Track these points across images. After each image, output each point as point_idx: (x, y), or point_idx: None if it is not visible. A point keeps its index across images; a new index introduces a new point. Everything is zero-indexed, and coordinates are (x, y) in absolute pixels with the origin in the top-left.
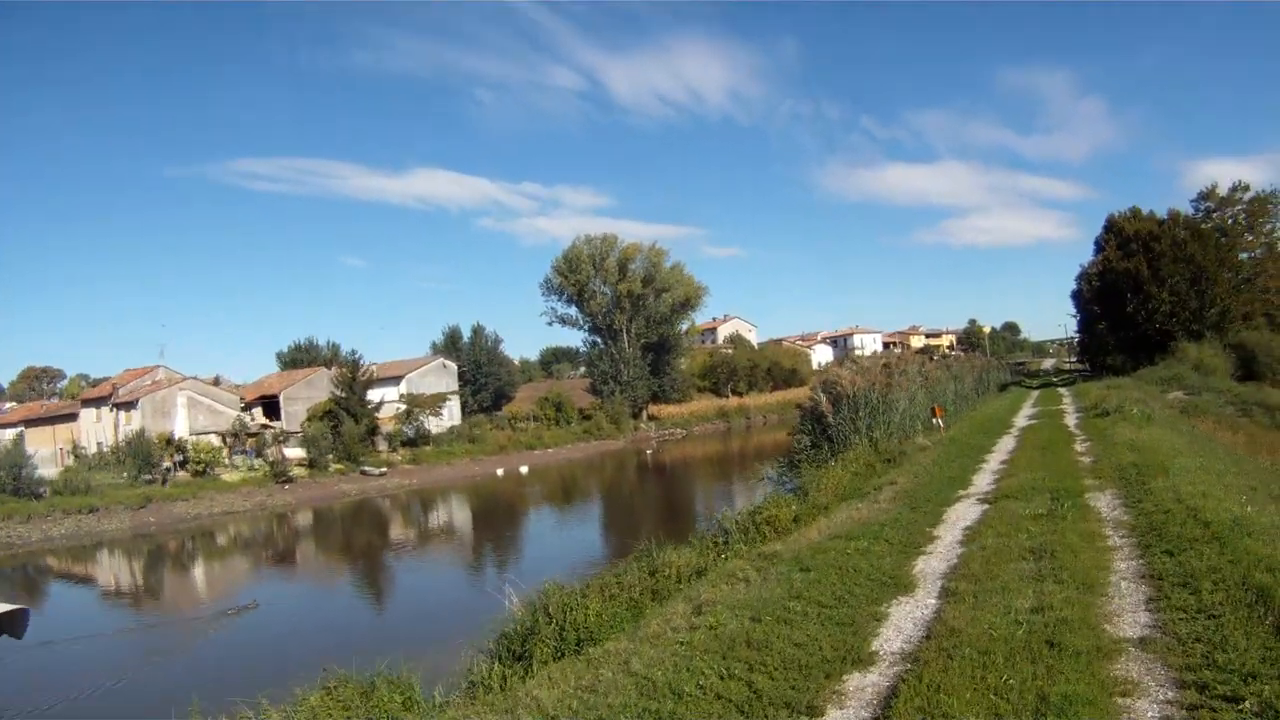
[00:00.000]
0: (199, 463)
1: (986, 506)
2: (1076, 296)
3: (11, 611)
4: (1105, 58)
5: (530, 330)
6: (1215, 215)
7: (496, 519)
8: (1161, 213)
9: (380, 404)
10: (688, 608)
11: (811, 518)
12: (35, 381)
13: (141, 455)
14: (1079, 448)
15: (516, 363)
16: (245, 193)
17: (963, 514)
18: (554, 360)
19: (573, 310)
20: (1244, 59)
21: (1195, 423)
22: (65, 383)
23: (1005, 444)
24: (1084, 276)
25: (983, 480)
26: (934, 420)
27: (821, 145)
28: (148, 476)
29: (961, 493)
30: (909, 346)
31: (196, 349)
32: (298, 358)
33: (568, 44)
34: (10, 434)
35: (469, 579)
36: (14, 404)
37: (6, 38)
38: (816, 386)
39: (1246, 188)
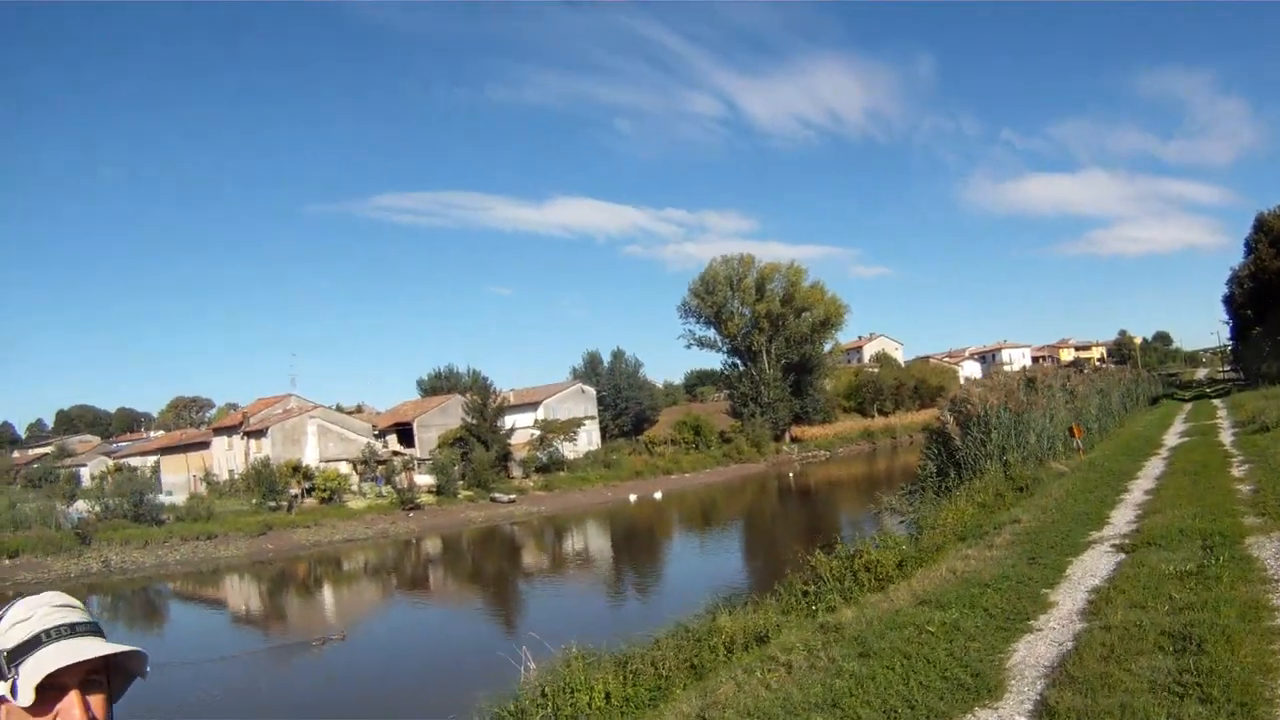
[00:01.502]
0: (325, 490)
1: (1121, 557)
2: (1228, 301)
3: (129, 652)
4: (1244, 56)
5: (675, 354)
6: None
7: (620, 546)
8: None
9: (512, 430)
10: (693, 707)
11: (919, 564)
12: (184, 411)
13: (266, 482)
14: (1236, 472)
15: (660, 386)
16: (389, 226)
17: (1091, 567)
18: (698, 383)
19: (711, 332)
20: None
21: None
22: (213, 412)
23: (1152, 468)
24: (1235, 280)
25: (1121, 517)
26: (1073, 441)
27: (962, 160)
28: (272, 503)
29: (1094, 535)
30: (1058, 360)
31: (343, 380)
32: (437, 385)
33: (703, 70)
34: (149, 461)
35: (566, 613)
36: (161, 432)
37: (171, 82)
38: (944, 406)
39: None
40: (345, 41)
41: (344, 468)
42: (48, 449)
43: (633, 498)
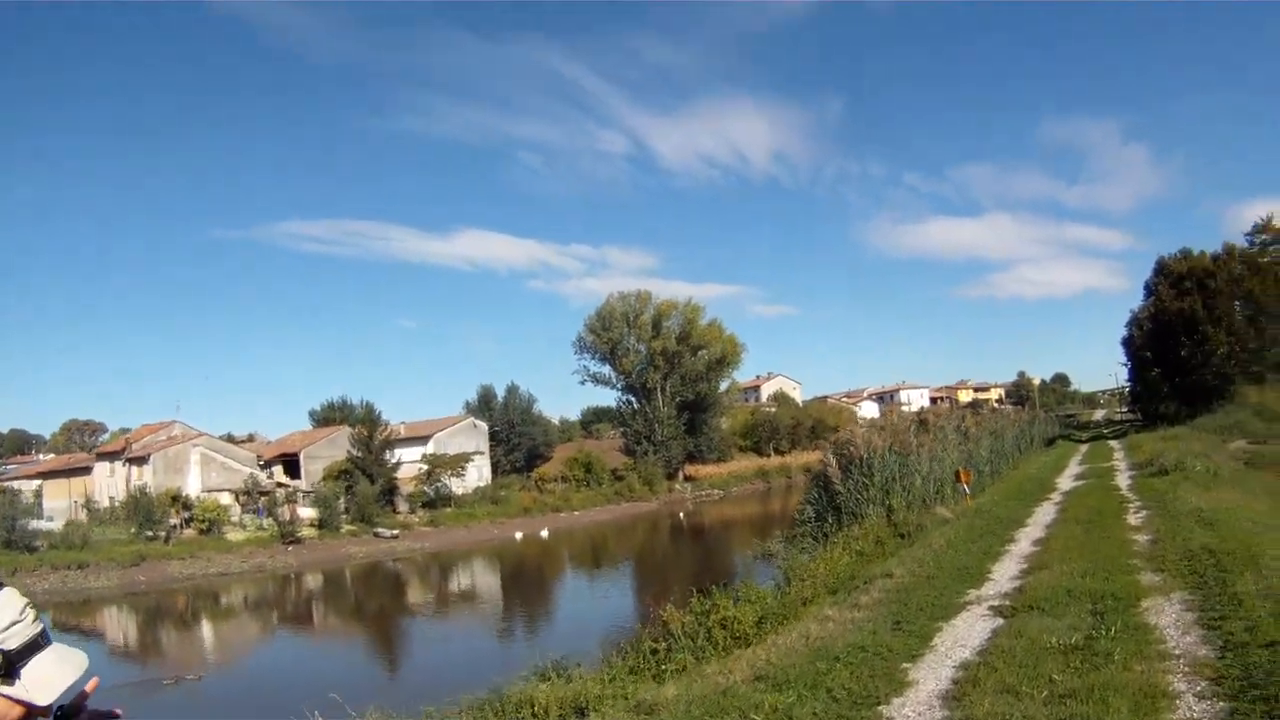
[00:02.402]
0: (203, 521)
1: (999, 623)
2: (1127, 343)
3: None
4: (1146, 106)
5: (574, 391)
6: (1272, 249)
7: (500, 587)
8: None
9: (399, 463)
10: None
11: (781, 620)
12: (76, 434)
13: (144, 511)
14: (1133, 519)
15: (556, 423)
16: (294, 253)
17: (962, 635)
18: (594, 420)
19: (606, 369)
20: None
21: (1267, 477)
22: (106, 437)
23: (1042, 515)
24: (1134, 322)
25: (1004, 572)
26: (959, 486)
27: (867, 202)
28: (149, 533)
29: (971, 594)
30: (956, 401)
31: (240, 410)
32: (329, 416)
33: (613, 107)
34: (33, 485)
35: (424, 658)
36: (52, 455)
37: (60, 92)
38: (827, 448)
39: None
40: (256, 67)
41: (226, 498)
42: None
43: (519, 535)
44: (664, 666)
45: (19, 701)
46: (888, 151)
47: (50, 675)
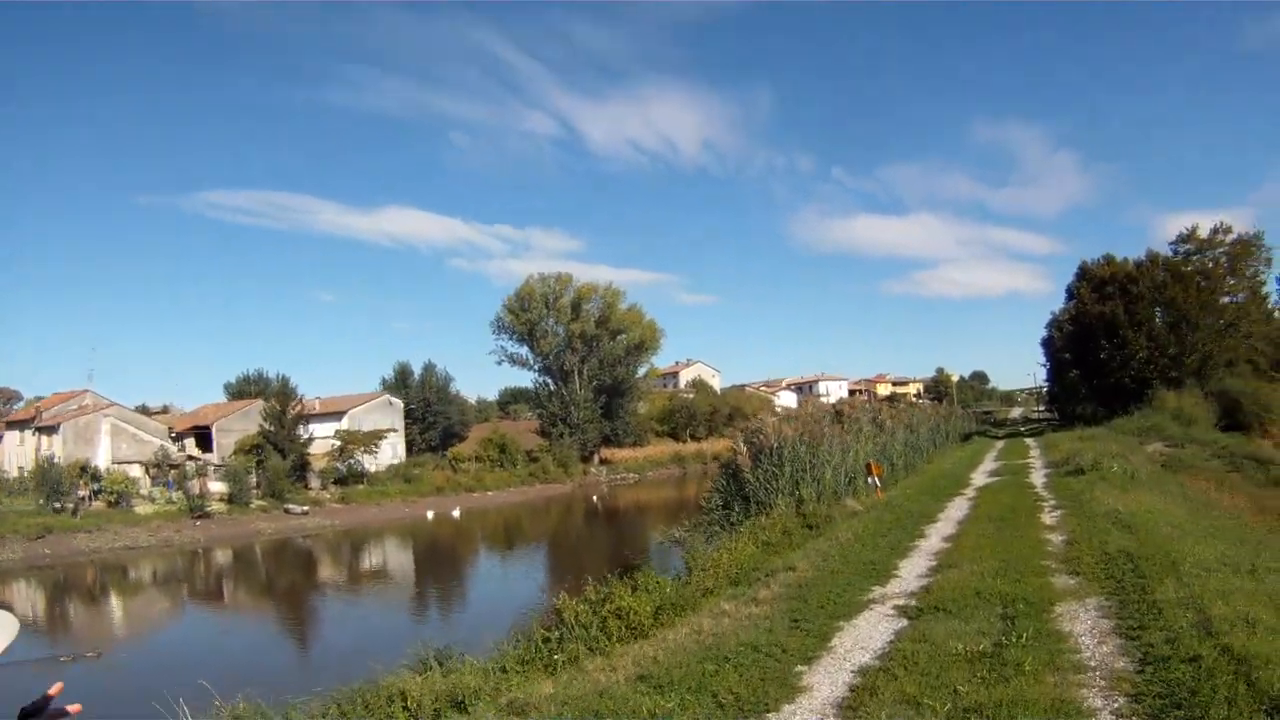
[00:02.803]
0: (112, 493)
1: (903, 624)
2: (1047, 344)
3: None
4: (1076, 114)
5: (492, 371)
6: (1195, 259)
7: (408, 566)
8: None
9: (311, 439)
10: None
11: (679, 612)
12: None
13: (50, 482)
14: (1048, 519)
15: (474, 402)
16: (216, 224)
17: (863, 637)
18: (511, 401)
19: (524, 350)
20: (1215, 112)
21: (1184, 480)
22: (21, 405)
23: (954, 511)
24: (1055, 324)
25: (911, 570)
26: (869, 479)
27: (794, 195)
28: (56, 505)
29: (876, 591)
30: (875, 394)
31: (156, 379)
32: (244, 389)
33: (543, 89)
34: None
35: (322, 638)
36: None
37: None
38: (737, 436)
39: (1229, 230)
40: (183, 35)
41: (136, 470)
42: None
43: (430, 514)
44: (555, 657)
45: None
46: (816, 146)
47: None
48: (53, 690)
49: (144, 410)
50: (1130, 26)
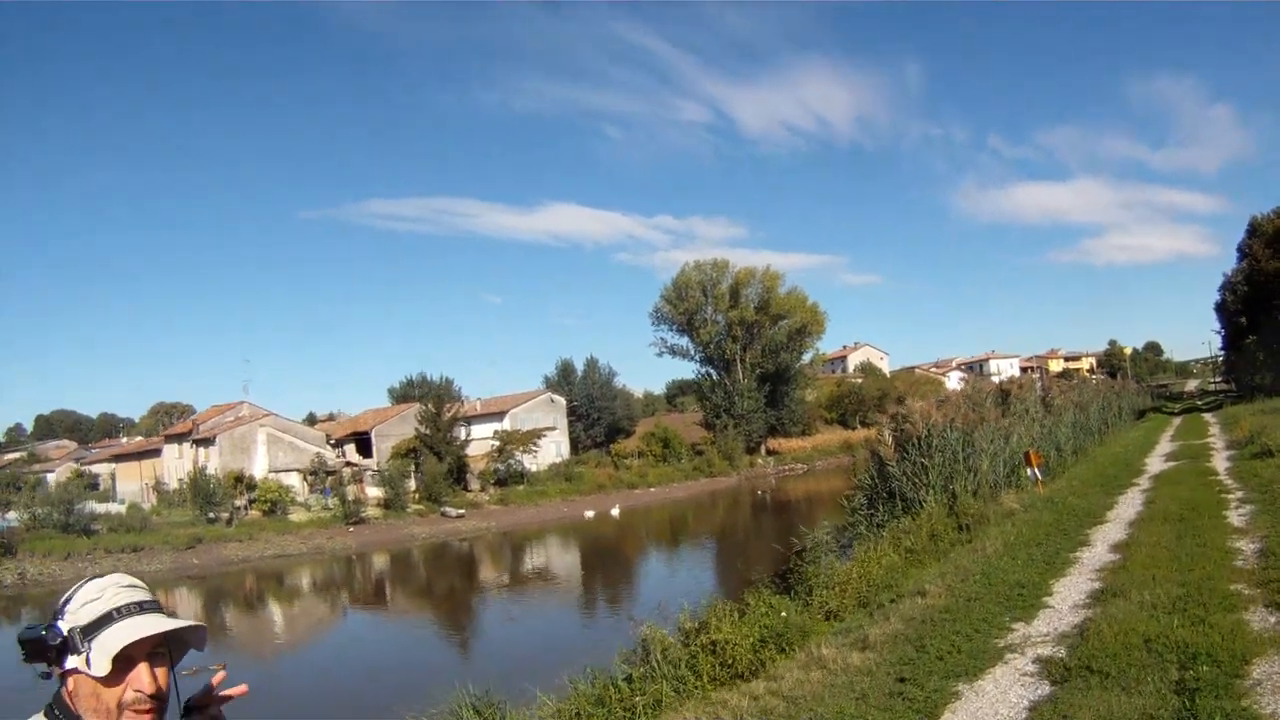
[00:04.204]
0: (265, 502)
1: (1040, 692)
2: (1220, 309)
3: (189, 627)
4: (1231, 63)
5: (660, 364)
6: None
7: (563, 571)
8: None
9: (468, 440)
10: None
11: (788, 646)
12: (164, 417)
13: (204, 494)
14: (1235, 518)
15: (640, 396)
16: (380, 232)
17: (982, 716)
18: (678, 394)
19: (684, 340)
20: None
21: None
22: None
23: (1125, 508)
24: (1228, 286)
25: (1067, 596)
26: (1029, 470)
27: (951, 167)
28: (210, 515)
29: (1017, 632)
30: (1047, 371)
31: (325, 389)
32: (408, 393)
33: (692, 77)
34: (109, 469)
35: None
36: (140, 438)
37: (168, 85)
38: (883, 424)
39: None
40: (335, 46)
41: (293, 478)
42: (20, 454)
43: (589, 514)
44: (637, 698)
45: (82, 673)
46: (970, 115)
47: (109, 642)
48: (215, 679)
49: (311, 419)
50: None
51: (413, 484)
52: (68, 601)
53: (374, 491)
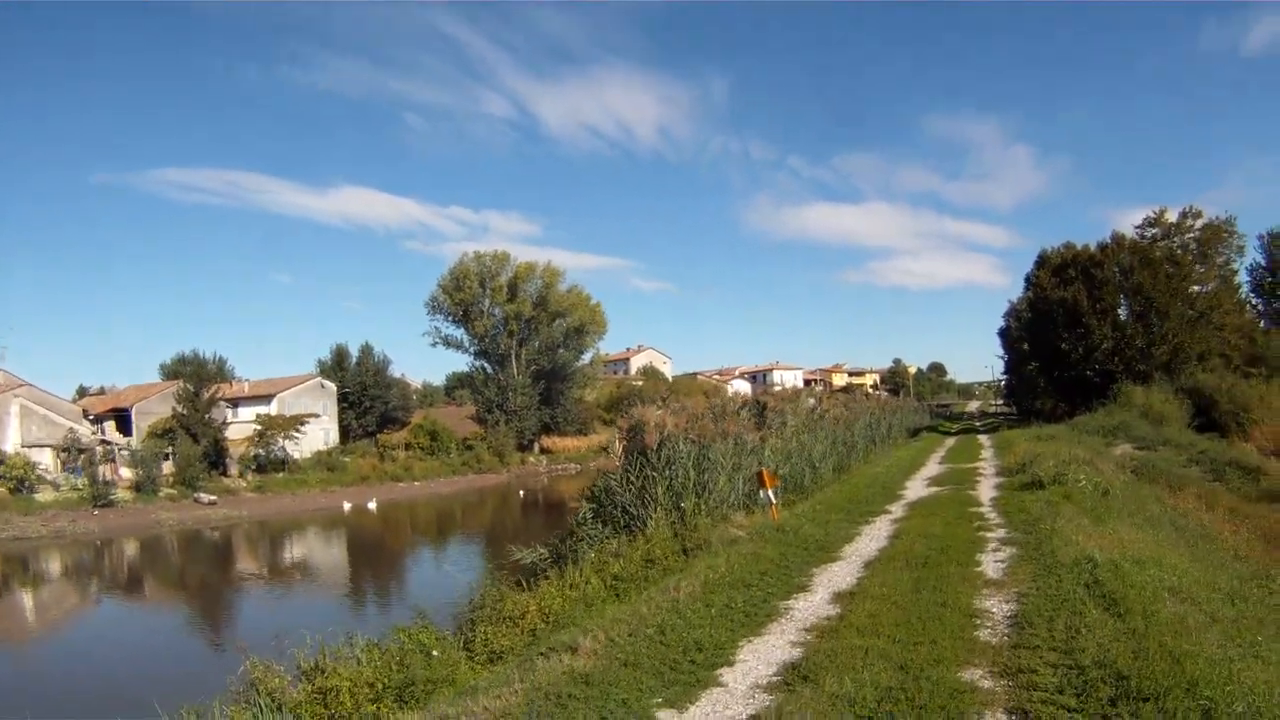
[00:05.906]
0: (11, 479)
1: None
2: (1004, 334)
3: None
4: (1032, 108)
5: (444, 356)
6: (1163, 244)
7: (278, 569)
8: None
9: (225, 422)
10: None
11: (422, 696)
12: None
13: None
14: (990, 567)
15: (419, 387)
16: (170, 202)
17: None
18: (457, 386)
19: (459, 332)
20: (1171, 108)
21: (1162, 495)
22: None
23: (867, 542)
24: (1013, 313)
25: (750, 673)
26: (762, 493)
27: (748, 183)
28: None
29: None
30: (830, 384)
31: (99, 360)
32: (179, 370)
33: (500, 72)
34: None
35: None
36: None
37: None
38: (615, 432)
39: (1199, 214)
40: (137, 12)
41: (46, 455)
42: None
43: (348, 506)
44: None
45: None
46: (772, 134)
47: None
48: None
49: (82, 392)
50: (1086, 26)
51: (169, 466)
52: None
53: (127, 473)
